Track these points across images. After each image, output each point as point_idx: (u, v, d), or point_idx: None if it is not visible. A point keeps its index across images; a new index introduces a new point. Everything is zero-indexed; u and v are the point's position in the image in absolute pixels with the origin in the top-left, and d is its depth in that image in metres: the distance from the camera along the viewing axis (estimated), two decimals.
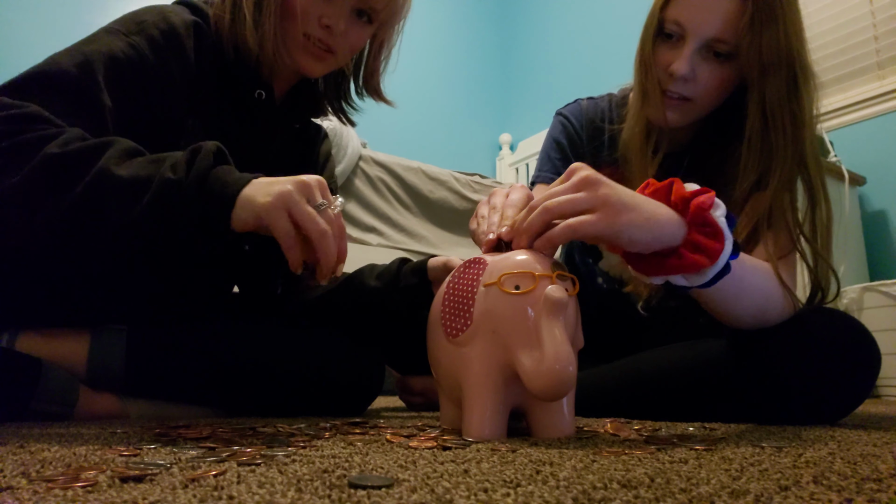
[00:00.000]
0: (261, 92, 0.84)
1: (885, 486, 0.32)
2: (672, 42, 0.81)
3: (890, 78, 2.05)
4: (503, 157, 3.45)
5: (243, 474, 0.35)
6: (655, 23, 0.82)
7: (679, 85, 0.81)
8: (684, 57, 0.79)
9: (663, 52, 0.82)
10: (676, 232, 0.57)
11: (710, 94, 0.82)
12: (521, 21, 3.64)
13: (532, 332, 0.50)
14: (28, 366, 0.70)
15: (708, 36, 0.78)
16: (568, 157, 0.98)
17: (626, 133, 0.91)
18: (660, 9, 0.82)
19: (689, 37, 0.79)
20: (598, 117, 0.99)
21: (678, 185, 0.59)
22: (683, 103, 0.83)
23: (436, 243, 2.08)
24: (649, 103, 0.85)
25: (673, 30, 0.80)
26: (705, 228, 0.57)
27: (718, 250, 0.57)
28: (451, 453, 0.44)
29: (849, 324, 0.72)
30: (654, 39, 0.83)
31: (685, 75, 0.79)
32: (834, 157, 1.97)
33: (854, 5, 2.12)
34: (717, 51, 0.79)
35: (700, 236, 0.57)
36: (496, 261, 0.56)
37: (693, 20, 0.78)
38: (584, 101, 1.03)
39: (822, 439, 0.54)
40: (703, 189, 0.59)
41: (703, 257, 0.57)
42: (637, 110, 0.88)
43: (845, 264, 1.83)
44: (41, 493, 0.30)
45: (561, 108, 1.05)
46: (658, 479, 0.34)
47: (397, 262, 0.89)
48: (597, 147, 0.98)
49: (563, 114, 1.03)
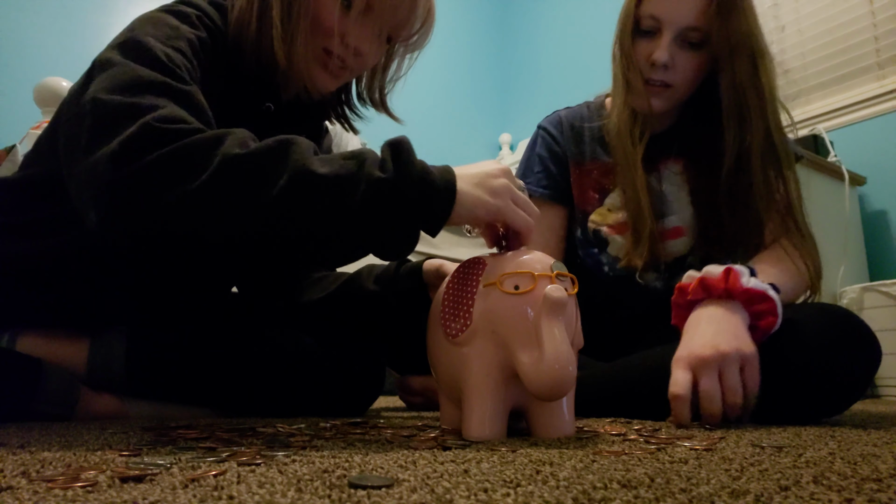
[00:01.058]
0: (269, 105, 0.82)
1: (885, 486, 0.32)
2: (649, 36, 0.91)
3: (890, 78, 2.05)
4: (503, 157, 3.45)
5: (243, 474, 0.35)
6: (632, 20, 0.91)
7: (660, 73, 0.90)
8: (663, 46, 0.88)
9: (642, 46, 0.91)
10: (746, 321, 0.68)
11: (687, 80, 0.92)
12: (521, 21, 3.64)
13: (531, 332, 0.50)
14: (28, 366, 0.70)
15: (682, 25, 0.88)
16: (549, 168, 1.06)
17: (612, 123, 0.98)
18: (635, 6, 0.91)
19: (666, 28, 0.88)
20: (576, 121, 1.07)
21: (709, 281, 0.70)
22: (665, 90, 0.92)
23: (436, 243, 2.08)
24: (633, 93, 0.94)
25: (649, 25, 0.90)
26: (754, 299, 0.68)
27: (774, 306, 0.68)
28: (451, 453, 0.44)
29: (847, 317, 0.74)
30: (632, 36, 0.92)
31: (666, 62, 0.89)
32: (834, 157, 1.97)
33: (854, 5, 2.12)
34: (691, 40, 0.89)
35: (756, 307, 0.69)
36: (496, 261, 0.56)
37: (668, 12, 0.88)
38: (562, 111, 1.11)
39: (822, 439, 0.54)
40: (726, 269, 0.69)
41: (771, 318, 0.69)
42: (621, 102, 0.96)
43: (845, 264, 1.83)
44: (41, 493, 0.30)
45: (541, 120, 1.11)
46: (658, 479, 0.34)
47: (395, 264, 0.88)
48: (581, 147, 1.05)
49: (543, 126, 1.10)
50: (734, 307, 0.68)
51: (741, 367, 0.64)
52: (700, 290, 0.71)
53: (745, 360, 0.65)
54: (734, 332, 0.66)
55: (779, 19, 2.31)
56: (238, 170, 0.53)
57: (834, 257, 1.81)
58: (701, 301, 0.71)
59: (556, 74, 3.35)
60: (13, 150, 1.55)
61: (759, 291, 0.68)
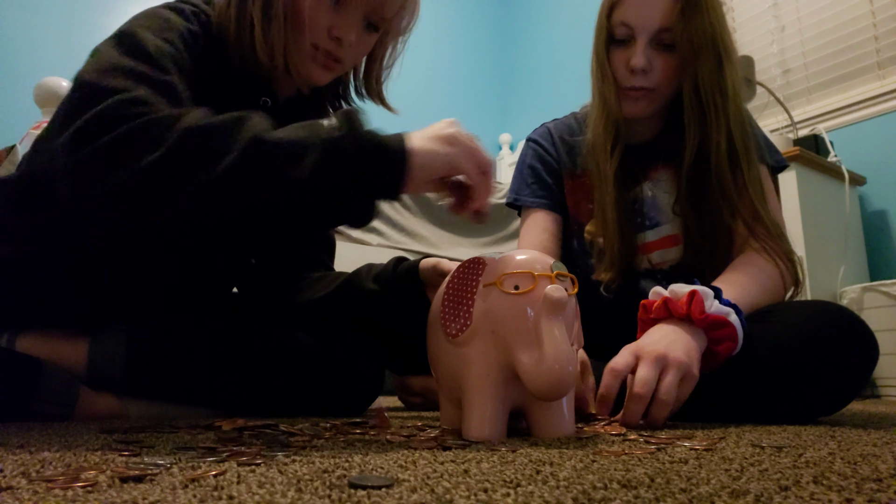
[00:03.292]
0: (266, 99, 0.83)
1: (885, 486, 0.32)
2: (624, 44, 0.91)
3: (890, 78, 2.05)
4: (503, 157, 3.45)
5: (243, 474, 0.35)
6: (605, 32, 0.92)
7: (640, 78, 0.90)
8: (639, 52, 0.89)
9: (618, 55, 0.92)
10: (703, 346, 0.68)
11: (666, 81, 0.91)
12: (521, 21, 3.64)
13: (531, 332, 0.50)
14: (28, 366, 0.70)
15: (654, 28, 0.88)
16: (542, 179, 1.06)
17: (589, 136, 0.99)
18: (606, 17, 0.92)
19: (639, 33, 0.89)
20: (566, 133, 1.08)
21: (672, 304, 0.70)
22: (647, 94, 0.92)
23: (436, 243, 2.08)
24: (607, 105, 0.94)
25: (622, 32, 0.90)
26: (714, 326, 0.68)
27: (734, 332, 0.68)
28: (451, 453, 0.44)
29: (842, 314, 0.74)
30: (608, 46, 0.93)
31: (643, 67, 0.89)
32: (834, 157, 1.97)
33: (854, 5, 2.12)
34: (664, 42, 0.89)
35: (714, 333, 0.69)
36: (496, 261, 0.56)
37: (638, 17, 0.88)
38: (549, 123, 1.12)
39: (822, 439, 0.54)
40: (690, 293, 0.69)
41: (730, 343, 0.69)
42: (597, 116, 0.97)
43: (845, 264, 1.83)
44: (41, 493, 0.30)
45: (530, 133, 1.12)
46: (658, 479, 0.34)
47: (393, 263, 0.88)
48: (573, 160, 1.05)
49: (533, 138, 1.11)
50: (694, 331, 0.68)
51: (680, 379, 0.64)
52: (663, 310, 0.71)
53: (686, 376, 0.64)
54: (687, 350, 0.66)
55: (779, 19, 2.31)
56: (194, 141, 0.56)
57: (834, 257, 1.81)
58: (664, 319, 0.71)
59: (556, 74, 3.35)
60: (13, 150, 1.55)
61: (720, 318, 0.68)
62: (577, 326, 0.57)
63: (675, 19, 0.86)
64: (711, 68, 0.87)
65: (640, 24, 0.88)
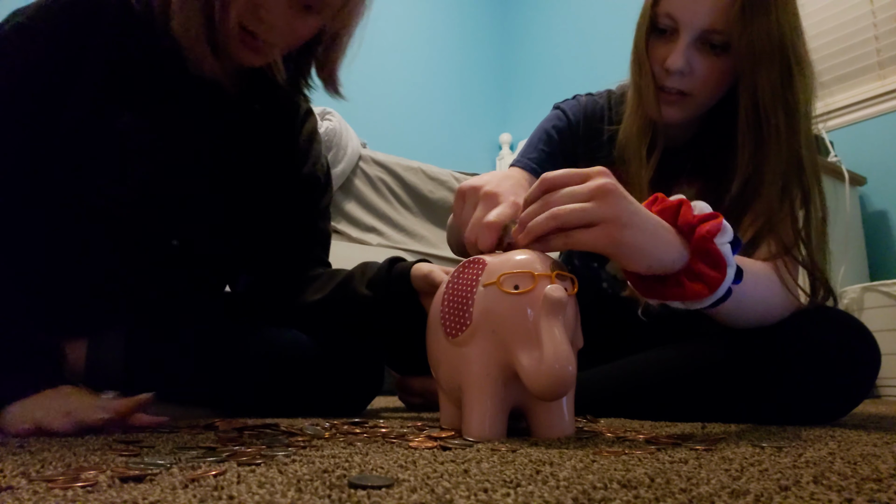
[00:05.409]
0: (175, 242, 0.79)
1: (885, 486, 0.32)
2: (666, 37, 0.80)
3: (890, 78, 2.05)
4: (503, 157, 3.45)
5: (243, 474, 0.35)
6: (648, 19, 0.81)
7: (675, 80, 0.80)
8: (679, 51, 0.78)
9: (658, 47, 0.81)
10: (678, 259, 0.57)
11: (707, 88, 0.81)
12: (521, 20, 3.64)
13: (531, 332, 0.50)
14: None
15: (701, 27, 0.77)
16: (555, 152, 0.95)
17: (622, 133, 0.89)
18: (651, 4, 0.81)
19: (683, 30, 0.78)
20: (596, 116, 0.97)
21: (686, 208, 0.58)
22: (682, 98, 0.82)
23: (436, 243, 2.08)
24: (644, 102, 0.84)
25: (666, 24, 0.79)
26: (707, 258, 0.56)
27: (718, 280, 0.56)
28: (451, 453, 0.44)
29: (848, 322, 0.73)
30: (648, 36, 0.82)
31: (681, 69, 0.78)
32: (834, 157, 1.97)
33: (854, 5, 2.12)
34: (712, 42, 0.77)
35: (701, 265, 0.56)
36: (495, 261, 0.56)
37: (685, 12, 0.77)
38: (583, 97, 1.01)
39: (822, 439, 0.54)
40: (712, 214, 0.58)
41: (703, 287, 0.57)
42: (633, 109, 0.87)
43: (845, 264, 1.83)
44: (41, 493, 0.30)
45: (559, 101, 1.02)
46: (658, 479, 0.34)
47: (387, 265, 0.85)
48: (594, 147, 0.95)
49: (561, 108, 1.00)
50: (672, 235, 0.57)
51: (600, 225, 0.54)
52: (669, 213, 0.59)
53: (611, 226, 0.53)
54: (644, 222, 0.55)
55: None
56: None
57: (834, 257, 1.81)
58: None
59: (555, 74, 3.35)
60: None
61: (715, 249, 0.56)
62: (578, 326, 0.57)
63: (731, 20, 0.74)
64: (775, 80, 0.75)
65: (686, 20, 0.77)
